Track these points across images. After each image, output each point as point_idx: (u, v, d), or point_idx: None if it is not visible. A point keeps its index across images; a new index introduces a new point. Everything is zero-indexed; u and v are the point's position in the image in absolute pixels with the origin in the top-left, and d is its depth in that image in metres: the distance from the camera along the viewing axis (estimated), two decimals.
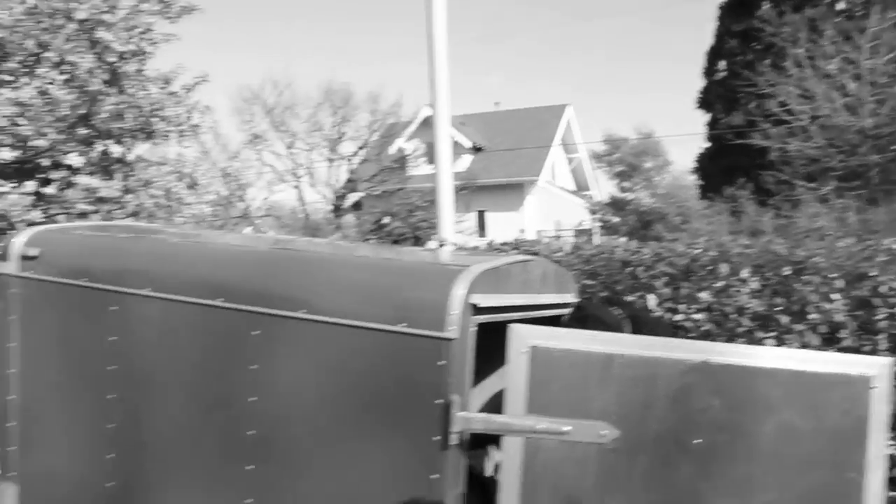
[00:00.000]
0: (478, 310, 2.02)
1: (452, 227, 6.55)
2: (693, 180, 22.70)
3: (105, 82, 8.57)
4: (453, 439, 1.96)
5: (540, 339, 1.98)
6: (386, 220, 16.76)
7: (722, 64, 22.01)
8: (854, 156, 16.43)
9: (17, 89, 8.43)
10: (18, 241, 3.19)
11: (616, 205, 23.83)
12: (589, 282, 4.92)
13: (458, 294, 1.95)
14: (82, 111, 8.56)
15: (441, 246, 4.66)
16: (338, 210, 19.13)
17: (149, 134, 9.12)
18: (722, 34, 21.76)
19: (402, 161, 21.29)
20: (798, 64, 15.89)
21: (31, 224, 9.37)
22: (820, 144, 16.60)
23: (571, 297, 2.96)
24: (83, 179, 9.17)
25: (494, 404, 2.44)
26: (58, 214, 9.93)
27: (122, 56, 8.64)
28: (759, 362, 2.08)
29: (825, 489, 2.14)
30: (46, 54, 8.88)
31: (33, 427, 3.12)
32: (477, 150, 29.26)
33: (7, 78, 8.79)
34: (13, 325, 3.14)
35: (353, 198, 19.51)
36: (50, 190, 9.39)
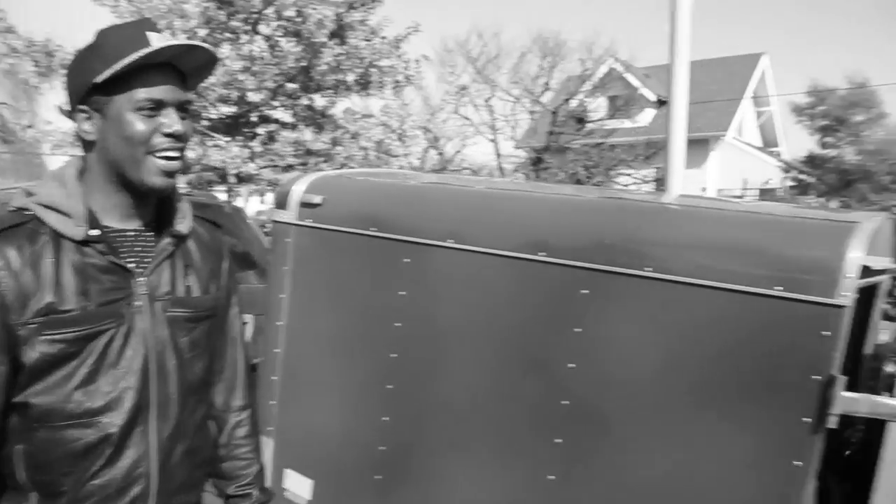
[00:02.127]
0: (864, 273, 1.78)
1: (682, 181, 6.20)
2: None
3: (330, 34, 8.77)
4: (830, 422, 1.74)
5: None
6: (583, 174, 16.42)
7: None
8: None
9: (241, 46, 8.83)
10: (298, 188, 3.08)
11: (813, 162, 22.02)
12: None
13: (855, 254, 1.71)
14: (304, 64, 8.83)
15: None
16: (536, 163, 18.95)
17: (364, 85, 9.29)
18: None
19: (586, 116, 20.74)
20: None
21: (241, 178, 9.91)
22: None
23: (893, 263, 2.64)
24: (292, 133, 9.53)
25: None
26: (267, 167, 10.43)
27: (350, 5, 8.78)
28: None
29: None
30: (268, 10, 9.23)
31: (296, 383, 3.05)
32: (661, 103, 28.01)
33: (230, 36, 9.23)
34: (286, 276, 3.08)
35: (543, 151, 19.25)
36: (256, 144, 9.84)
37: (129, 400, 1.45)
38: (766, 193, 22.93)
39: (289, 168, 10.51)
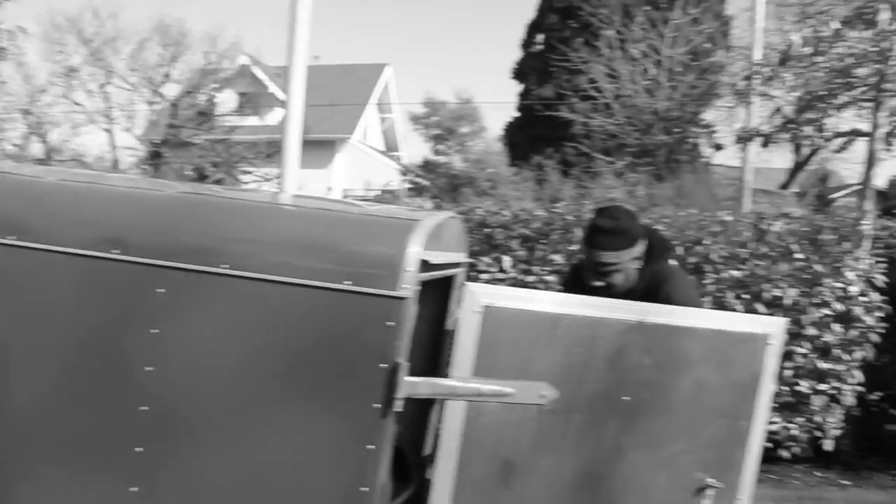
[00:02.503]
0: (424, 268, 1.93)
1: (300, 180, 6.31)
2: (501, 148, 23.50)
3: None
4: (397, 406, 1.86)
5: (493, 298, 1.92)
6: (210, 170, 15.83)
7: (540, 37, 22.85)
8: (647, 135, 17.76)
9: None
10: None
11: (428, 167, 24.06)
12: None
13: (414, 250, 1.83)
14: None
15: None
16: (154, 157, 17.74)
17: None
18: (544, 9, 22.62)
19: (211, 111, 20.11)
20: (609, 45, 16.84)
21: None
22: (619, 122, 17.79)
23: (465, 257, 2.93)
24: None
25: None
26: None
27: None
28: (686, 321, 2.16)
29: (721, 437, 2.28)
30: None
31: None
32: None
33: None
34: None
35: (164, 144, 18.13)
36: None
37: None
38: (387, 195, 24.45)
39: None
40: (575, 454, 2.15)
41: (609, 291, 2.71)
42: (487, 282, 4.73)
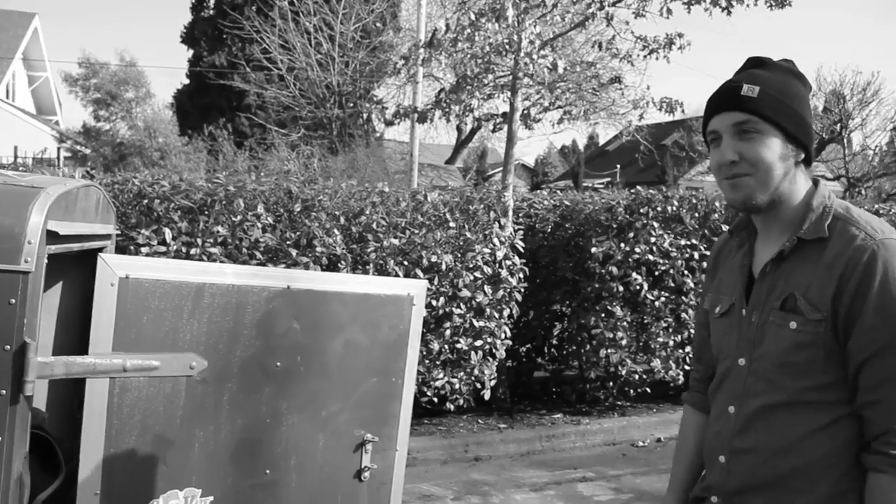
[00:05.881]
0: (53, 239, 1.78)
1: None
2: (171, 116, 22.23)
3: None
4: (28, 390, 1.71)
5: (131, 269, 1.83)
6: None
7: (211, 2, 21.85)
8: (321, 108, 18.04)
9: None
10: None
11: (89, 134, 21.98)
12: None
13: (36, 220, 1.68)
14: None
15: None
16: None
17: None
18: None
19: None
20: (282, 16, 16.70)
21: None
22: (293, 94, 17.84)
23: (113, 229, 2.78)
24: None
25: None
26: None
27: None
28: (332, 286, 2.26)
29: (376, 395, 2.45)
30: None
31: None
32: None
33: None
34: None
35: None
36: None
37: None
38: (41, 163, 21.95)
39: None
40: (231, 422, 2.16)
41: None
42: (148, 255, 4.48)
